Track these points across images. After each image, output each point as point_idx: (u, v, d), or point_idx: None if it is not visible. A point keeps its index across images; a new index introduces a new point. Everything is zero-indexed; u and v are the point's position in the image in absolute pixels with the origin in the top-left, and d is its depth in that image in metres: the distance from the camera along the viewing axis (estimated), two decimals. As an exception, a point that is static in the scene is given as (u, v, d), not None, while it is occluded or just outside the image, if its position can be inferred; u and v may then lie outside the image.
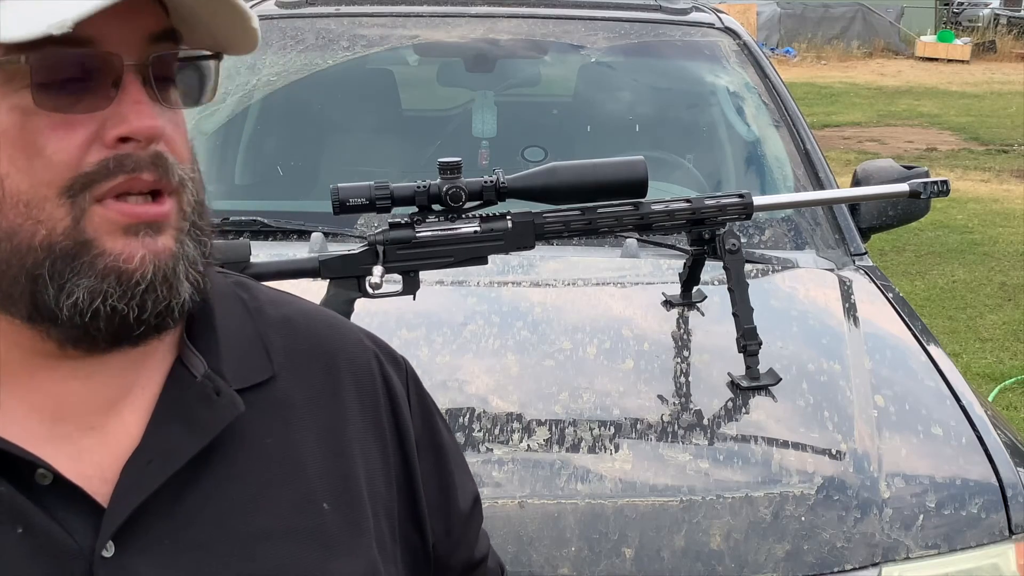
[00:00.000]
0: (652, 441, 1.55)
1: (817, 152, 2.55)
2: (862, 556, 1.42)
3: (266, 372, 0.83)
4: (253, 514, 0.78)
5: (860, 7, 20.60)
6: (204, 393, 0.79)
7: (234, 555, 0.77)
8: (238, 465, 0.79)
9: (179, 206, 0.75)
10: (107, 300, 0.71)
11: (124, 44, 0.71)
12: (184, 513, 0.75)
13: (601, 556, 1.38)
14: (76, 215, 0.70)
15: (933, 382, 1.76)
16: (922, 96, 14.57)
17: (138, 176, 0.71)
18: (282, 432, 0.82)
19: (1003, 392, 4.40)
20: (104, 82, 0.70)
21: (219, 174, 2.68)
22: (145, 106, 0.71)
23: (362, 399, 0.88)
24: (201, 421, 0.77)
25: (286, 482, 0.81)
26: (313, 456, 0.83)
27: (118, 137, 0.71)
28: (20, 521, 0.70)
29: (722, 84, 2.82)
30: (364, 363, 0.90)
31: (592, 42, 2.81)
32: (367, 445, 0.87)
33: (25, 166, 0.69)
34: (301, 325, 0.89)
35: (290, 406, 0.84)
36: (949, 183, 1.87)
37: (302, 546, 0.80)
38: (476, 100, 2.83)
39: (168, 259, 0.73)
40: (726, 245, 1.74)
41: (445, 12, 2.86)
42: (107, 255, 0.71)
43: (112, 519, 0.72)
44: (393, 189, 1.63)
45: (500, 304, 1.98)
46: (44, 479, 0.72)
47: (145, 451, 0.75)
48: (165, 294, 0.73)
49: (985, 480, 1.53)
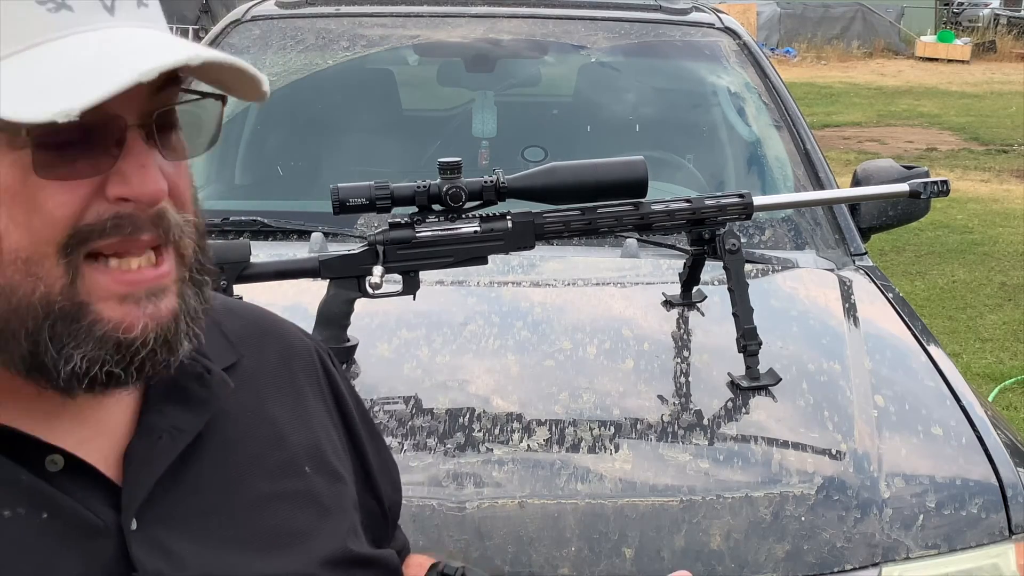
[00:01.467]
0: (652, 441, 1.55)
1: (817, 152, 2.55)
2: (862, 556, 1.42)
3: (233, 355, 0.89)
4: (250, 479, 0.84)
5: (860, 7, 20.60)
6: (196, 373, 0.83)
7: (239, 517, 0.82)
8: (229, 437, 0.85)
9: (178, 253, 0.75)
10: (104, 366, 0.71)
11: (127, 102, 0.69)
12: (190, 483, 0.80)
13: (601, 556, 1.38)
14: (71, 273, 0.70)
15: (933, 382, 1.76)
16: (922, 96, 14.57)
17: (137, 238, 0.71)
18: (258, 406, 0.89)
19: (1003, 392, 4.40)
20: (107, 143, 0.70)
21: (219, 174, 2.69)
22: (149, 169, 0.70)
23: (308, 378, 0.95)
24: (199, 398, 0.82)
25: (272, 449, 0.87)
26: (287, 426, 0.90)
27: (119, 196, 0.70)
28: (44, 507, 0.73)
29: (722, 84, 2.82)
30: (303, 346, 0.97)
31: (592, 42, 2.81)
32: (322, 418, 0.94)
33: (24, 222, 0.68)
34: (242, 312, 0.95)
35: (258, 384, 0.90)
36: (949, 183, 1.87)
37: (297, 506, 0.86)
38: (476, 100, 2.83)
39: (170, 321, 0.73)
40: (726, 245, 1.74)
41: (445, 12, 2.86)
42: (106, 322, 0.71)
43: (134, 494, 0.76)
44: (393, 189, 1.63)
45: (500, 304, 1.98)
46: (54, 465, 0.74)
47: (151, 430, 0.79)
48: (164, 355, 0.73)
49: (985, 480, 1.53)
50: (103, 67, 0.66)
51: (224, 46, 2.73)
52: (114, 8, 0.70)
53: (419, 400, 1.61)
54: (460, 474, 1.45)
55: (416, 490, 1.41)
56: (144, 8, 0.73)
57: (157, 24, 0.74)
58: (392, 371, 1.71)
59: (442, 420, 1.56)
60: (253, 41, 2.76)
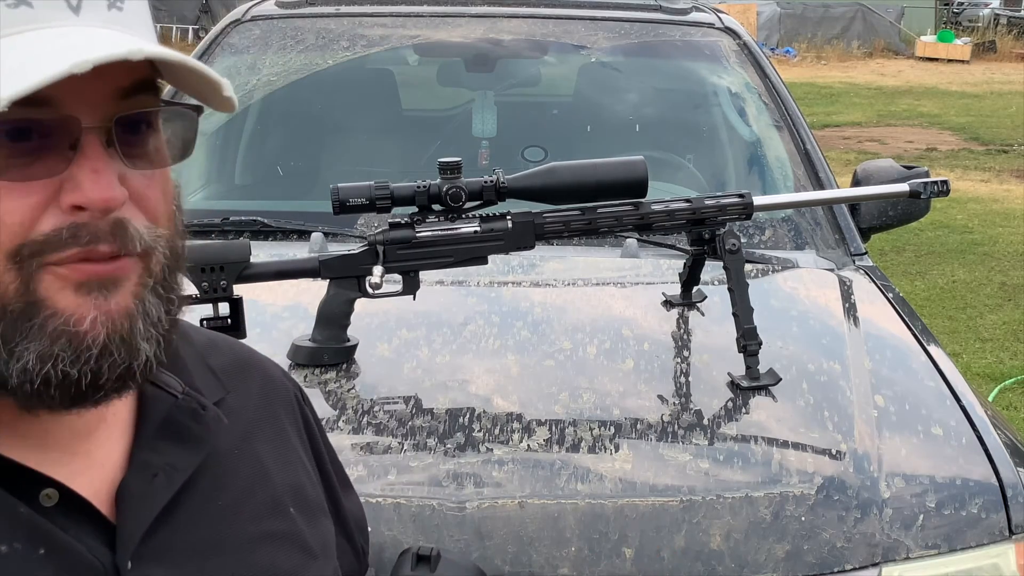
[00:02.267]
0: (652, 441, 1.55)
1: (817, 152, 2.55)
2: (862, 556, 1.42)
3: (220, 390, 0.87)
4: (239, 519, 0.83)
5: (860, 7, 20.60)
6: (190, 409, 0.81)
7: (231, 557, 0.81)
8: (218, 474, 0.82)
9: (145, 266, 0.72)
10: (57, 364, 0.68)
11: (86, 103, 0.67)
12: (181, 522, 0.78)
13: (601, 556, 1.38)
14: (25, 279, 0.67)
15: (933, 382, 1.76)
16: (922, 96, 14.57)
17: (94, 248, 0.68)
18: (244, 445, 0.87)
19: (1003, 392, 4.40)
20: (61, 145, 0.67)
21: (219, 174, 2.69)
22: (103, 174, 0.67)
23: (288, 417, 0.94)
24: (194, 435, 0.81)
25: (259, 489, 0.85)
26: (272, 466, 0.88)
27: (73, 204, 0.67)
28: (42, 542, 0.71)
29: (722, 84, 2.82)
30: (283, 385, 0.96)
31: (592, 42, 2.81)
32: (302, 456, 0.93)
33: None
34: (226, 348, 0.93)
35: (243, 421, 0.88)
36: (949, 183, 1.87)
37: (284, 548, 0.85)
38: (476, 100, 2.83)
39: (123, 319, 0.70)
40: (726, 245, 1.74)
41: (445, 12, 2.86)
42: (57, 316, 0.68)
43: (130, 533, 0.74)
44: (393, 189, 1.63)
45: (500, 304, 1.98)
46: (49, 500, 0.72)
47: (146, 467, 0.77)
48: (124, 356, 0.70)
49: (985, 480, 1.53)
50: (43, 61, 0.63)
51: (224, 46, 2.73)
52: (80, 8, 0.68)
53: (419, 400, 1.61)
54: (460, 474, 1.45)
55: (416, 490, 1.41)
56: (116, 11, 0.70)
57: (131, 28, 0.70)
58: (392, 371, 1.71)
59: (442, 420, 1.56)
60: (253, 41, 2.76)
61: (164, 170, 0.74)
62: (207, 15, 17.68)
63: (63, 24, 0.67)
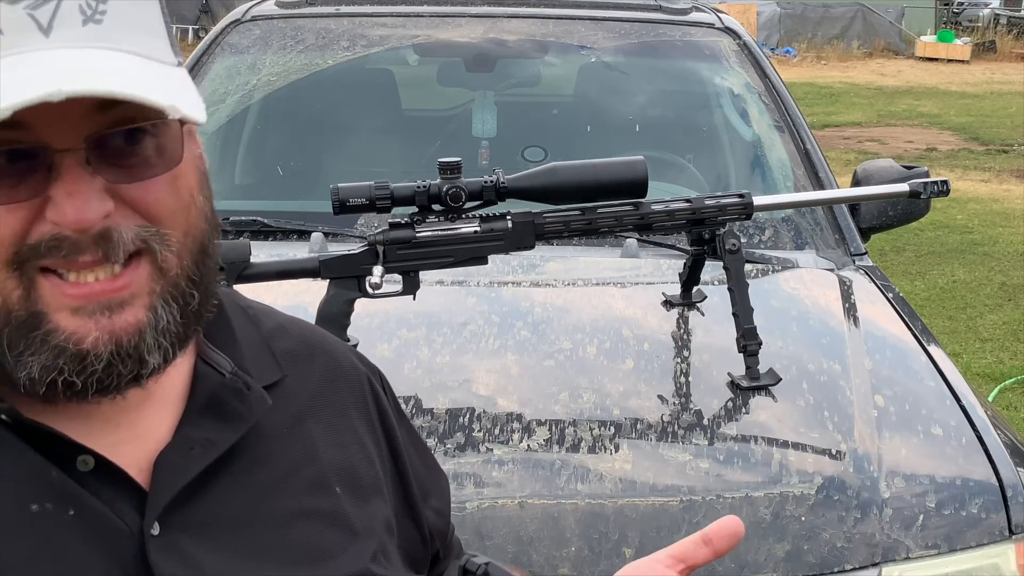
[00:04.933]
0: (652, 441, 1.55)
1: (817, 152, 2.55)
2: (862, 556, 1.42)
3: (277, 373, 0.89)
4: (278, 496, 0.84)
5: (860, 7, 20.60)
6: (235, 388, 0.83)
7: (263, 532, 0.82)
8: (262, 453, 0.84)
9: (154, 267, 0.73)
10: (61, 375, 0.70)
11: (60, 124, 0.68)
12: (217, 495, 0.80)
13: (601, 556, 1.38)
14: (26, 285, 0.70)
15: (933, 382, 1.76)
16: (922, 96, 14.57)
17: (75, 259, 0.70)
18: (296, 425, 0.88)
19: (1003, 392, 4.40)
20: (40, 167, 0.68)
21: (219, 174, 2.68)
22: (78, 197, 0.68)
23: (355, 400, 0.94)
24: (235, 413, 0.83)
25: (304, 468, 0.86)
26: (323, 446, 0.89)
27: (52, 221, 0.69)
28: (72, 504, 0.74)
29: (722, 84, 2.82)
30: (352, 368, 0.97)
31: (592, 42, 2.81)
32: (363, 440, 0.93)
33: None
34: (295, 333, 0.95)
35: (299, 403, 0.89)
36: (949, 183, 1.87)
37: (324, 526, 0.85)
38: (476, 100, 2.83)
39: (132, 334, 0.72)
40: (726, 245, 1.74)
41: (445, 12, 2.86)
42: (59, 333, 0.70)
43: (158, 500, 0.76)
44: (393, 189, 1.63)
45: (500, 304, 1.98)
46: (85, 465, 0.75)
47: (184, 441, 0.80)
48: (129, 368, 0.72)
49: (985, 480, 1.53)
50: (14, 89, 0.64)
51: (224, 46, 2.73)
52: (50, 29, 0.67)
53: (419, 400, 1.61)
54: (460, 474, 1.45)
55: (416, 490, 1.41)
56: (94, 25, 0.69)
57: (110, 39, 0.69)
58: (392, 371, 1.69)
59: (442, 420, 1.56)
60: (253, 41, 2.76)
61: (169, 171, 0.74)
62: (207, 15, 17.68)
63: (30, 48, 0.67)
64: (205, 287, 0.78)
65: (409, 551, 0.96)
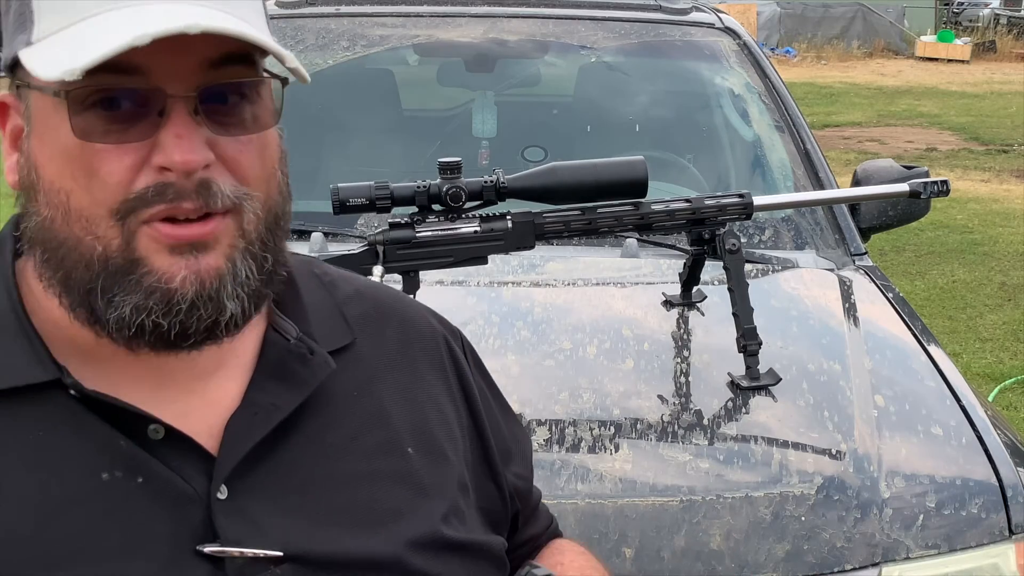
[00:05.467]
0: (652, 441, 1.55)
1: (817, 152, 2.55)
2: (862, 556, 1.42)
3: (347, 337, 0.92)
4: (347, 458, 0.86)
5: (860, 7, 20.60)
6: (299, 353, 0.87)
7: (333, 493, 0.84)
8: (329, 416, 0.87)
9: (238, 225, 0.78)
10: (150, 315, 0.76)
11: (173, 74, 0.74)
12: (285, 459, 0.83)
13: (601, 556, 1.38)
14: (126, 236, 0.75)
15: (933, 382, 1.76)
16: (922, 96, 14.57)
17: (178, 205, 0.75)
18: (366, 388, 0.91)
19: (1003, 392, 4.40)
20: (151, 112, 0.74)
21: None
22: (185, 139, 0.74)
23: (430, 361, 0.97)
24: (299, 378, 0.86)
25: (373, 430, 0.89)
26: (395, 408, 0.91)
27: (160, 165, 0.74)
28: (141, 471, 0.78)
29: (722, 84, 2.82)
30: (431, 334, 0.99)
31: (592, 42, 2.81)
32: (439, 401, 0.95)
33: (85, 184, 0.75)
34: (370, 296, 0.98)
35: (370, 366, 0.92)
36: (949, 183, 1.87)
37: (393, 486, 0.88)
38: (476, 100, 2.83)
39: (213, 278, 0.77)
40: (726, 245, 1.74)
41: (445, 12, 2.86)
42: (153, 274, 0.76)
43: (224, 464, 0.80)
44: (393, 189, 1.63)
45: (500, 304, 1.98)
46: (156, 434, 0.79)
47: (250, 406, 0.83)
48: (210, 311, 0.77)
49: (985, 480, 1.53)
50: (113, 35, 0.70)
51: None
52: None
53: (419, 400, 1.61)
54: (460, 474, 1.45)
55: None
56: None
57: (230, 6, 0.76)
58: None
59: (442, 420, 1.56)
60: (253, 41, 2.75)
61: (262, 136, 0.80)
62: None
63: (147, 2, 0.73)
64: (276, 253, 0.82)
65: (489, 511, 0.98)
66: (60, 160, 0.76)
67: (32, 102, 0.78)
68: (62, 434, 0.78)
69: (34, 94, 0.77)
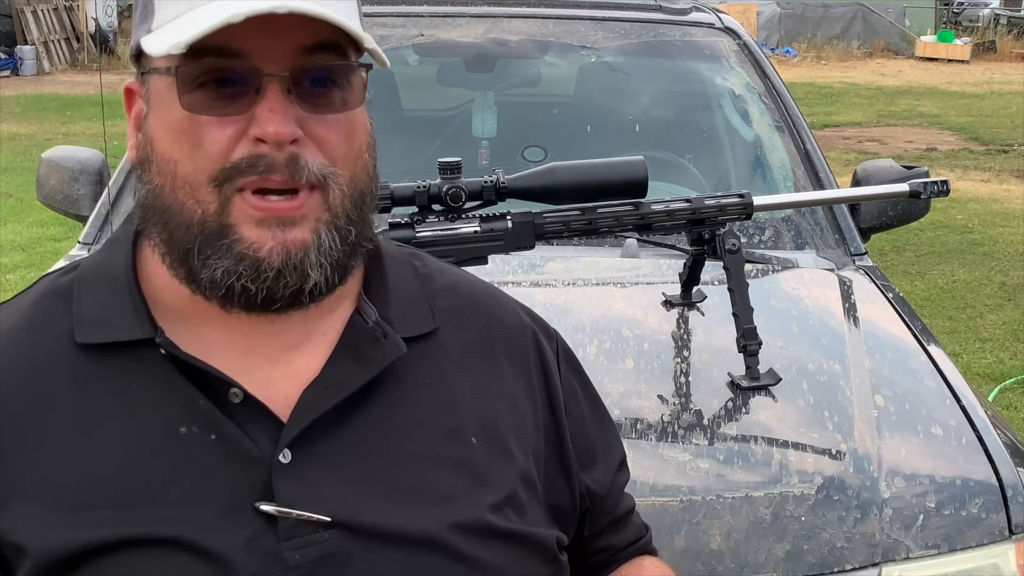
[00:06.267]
0: (652, 441, 1.55)
1: (817, 152, 2.55)
2: (862, 556, 1.42)
3: (429, 325, 0.97)
4: (409, 439, 0.91)
5: (860, 7, 20.59)
6: (374, 336, 0.93)
7: (391, 470, 0.90)
8: (399, 398, 0.92)
9: (324, 200, 0.86)
10: (240, 279, 0.84)
11: (270, 56, 0.83)
12: (350, 432, 0.89)
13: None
14: (222, 202, 0.84)
15: (933, 382, 1.76)
16: (922, 96, 14.57)
17: (268, 176, 0.83)
18: (439, 375, 0.96)
19: (1003, 392, 4.40)
20: (249, 89, 0.83)
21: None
22: (277, 113, 0.82)
23: (513, 359, 1.00)
24: (370, 358, 0.91)
25: (440, 416, 0.94)
26: (465, 398, 0.96)
27: (255, 137, 0.83)
28: (215, 430, 0.86)
29: (722, 84, 2.82)
30: (518, 329, 1.03)
31: (592, 42, 2.81)
32: (515, 395, 0.99)
33: (190, 154, 0.84)
34: (463, 291, 1.03)
35: (448, 355, 0.97)
36: (949, 183, 1.87)
37: (451, 470, 0.92)
38: (476, 100, 2.83)
39: (298, 249, 0.84)
40: (726, 245, 1.74)
41: (445, 12, 2.86)
42: (243, 242, 0.84)
43: (290, 431, 0.87)
44: (393, 189, 1.63)
45: (500, 304, 1.98)
46: (236, 397, 0.87)
47: (322, 380, 0.90)
48: (295, 279, 0.85)
49: (985, 480, 1.53)
50: (215, 16, 0.79)
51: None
52: None
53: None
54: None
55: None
56: None
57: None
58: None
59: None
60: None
61: (349, 118, 0.87)
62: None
63: None
64: (360, 229, 0.89)
65: (558, 508, 1.00)
66: (171, 133, 0.85)
67: (151, 85, 0.87)
68: (152, 388, 0.87)
69: (153, 77, 0.87)
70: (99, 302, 0.90)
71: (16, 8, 15.61)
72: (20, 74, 15.12)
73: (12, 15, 15.65)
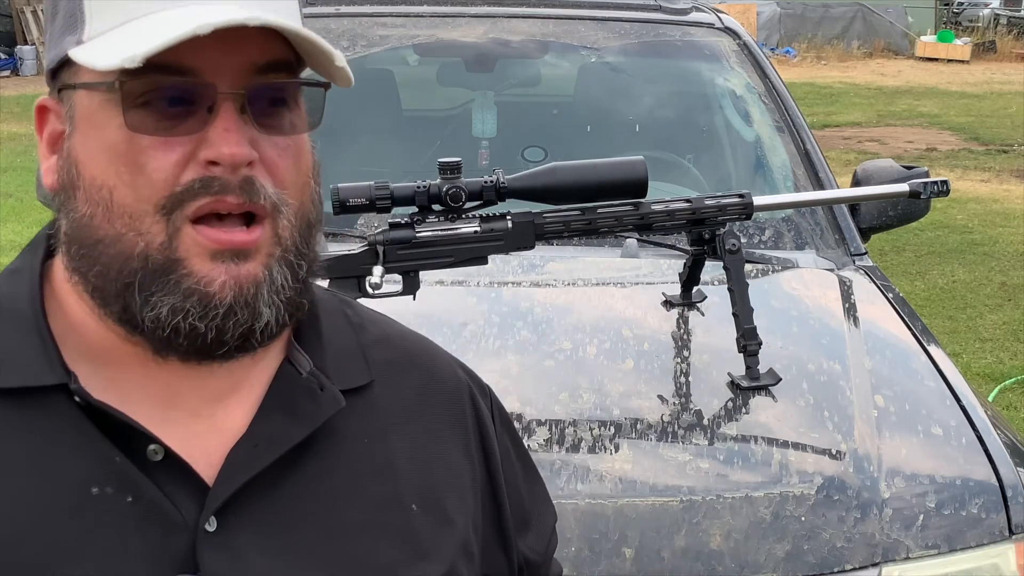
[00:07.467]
0: (652, 441, 1.55)
1: (817, 152, 2.55)
2: (862, 556, 1.42)
3: (365, 377, 0.89)
4: (345, 505, 0.83)
5: (860, 7, 20.60)
6: (309, 388, 0.84)
7: (324, 541, 0.81)
8: (334, 459, 0.84)
9: (273, 231, 0.78)
10: (187, 318, 0.75)
11: (222, 74, 0.75)
12: (282, 497, 0.80)
13: (601, 556, 1.38)
14: (170, 233, 0.75)
15: (933, 382, 1.76)
16: (922, 96, 14.57)
17: (223, 199, 0.75)
18: (377, 435, 0.87)
19: (1003, 392, 4.40)
20: (200, 108, 0.75)
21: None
22: (233, 133, 0.75)
23: (450, 414, 0.93)
24: (305, 412, 0.83)
25: (377, 480, 0.86)
26: (404, 461, 0.88)
27: (207, 160, 0.75)
28: (131, 491, 0.76)
29: (722, 84, 2.82)
30: (454, 386, 0.96)
31: (592, 42, 2.81)
32: (453, 459, 0.92)
33: (130, 180, 0.75)
34: (398, 344, 0.95)
35: (385, 413, 0.89)
36: (949, 183, 1.87)
37: (388, 541, 0.84)
38: (476, 100, 2.83)
39: (250, 285, 0.77)
40: (726, 245, 1.74)
41: (445, 12, 2.86)
42: (192, 276, 0.75)
43: (217, 495, 0.77)
44: (393, 189, 1.63)
45: (500, 304, 1.98)
46: (156, 455, 0.77)
47: (251, 437, 0.81)
48: (246, 317, 0.77)
49: (985, 480, 1.53)
50: (173, 28, 0.72)
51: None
52: None
53: (419, 400, 1.61)
54: (460, 474, 1.45)
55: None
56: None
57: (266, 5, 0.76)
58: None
59: (442, 420, 1.56)
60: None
61: (298, 144, 0.80)
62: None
63: (205, 2, 0.75)
64: (310, 263, 0.82)
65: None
66: (105, 157, 0.76)
67: (76, 102, 0.78)
68: (60, 442, 0.76)
69: (79, 93, 0.78)
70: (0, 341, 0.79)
71: (16, 8, 15.63)
72: (20, 74, 15.14)
73: (12, 15, 15.68)
